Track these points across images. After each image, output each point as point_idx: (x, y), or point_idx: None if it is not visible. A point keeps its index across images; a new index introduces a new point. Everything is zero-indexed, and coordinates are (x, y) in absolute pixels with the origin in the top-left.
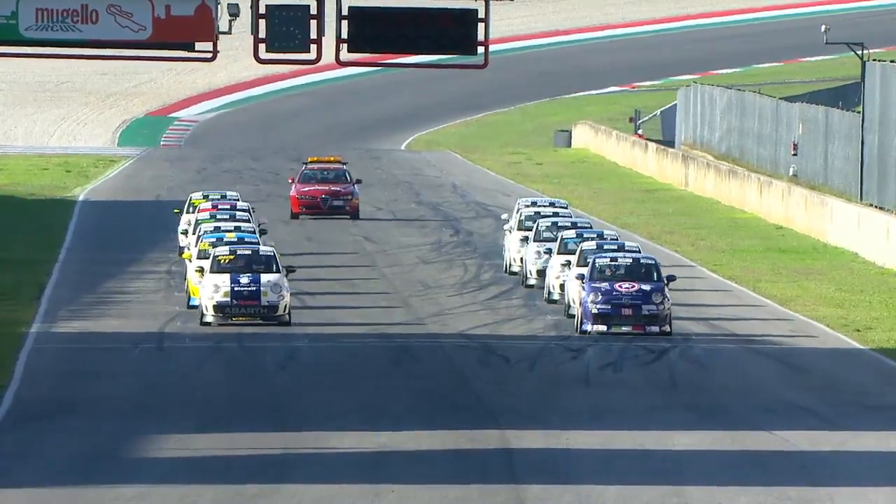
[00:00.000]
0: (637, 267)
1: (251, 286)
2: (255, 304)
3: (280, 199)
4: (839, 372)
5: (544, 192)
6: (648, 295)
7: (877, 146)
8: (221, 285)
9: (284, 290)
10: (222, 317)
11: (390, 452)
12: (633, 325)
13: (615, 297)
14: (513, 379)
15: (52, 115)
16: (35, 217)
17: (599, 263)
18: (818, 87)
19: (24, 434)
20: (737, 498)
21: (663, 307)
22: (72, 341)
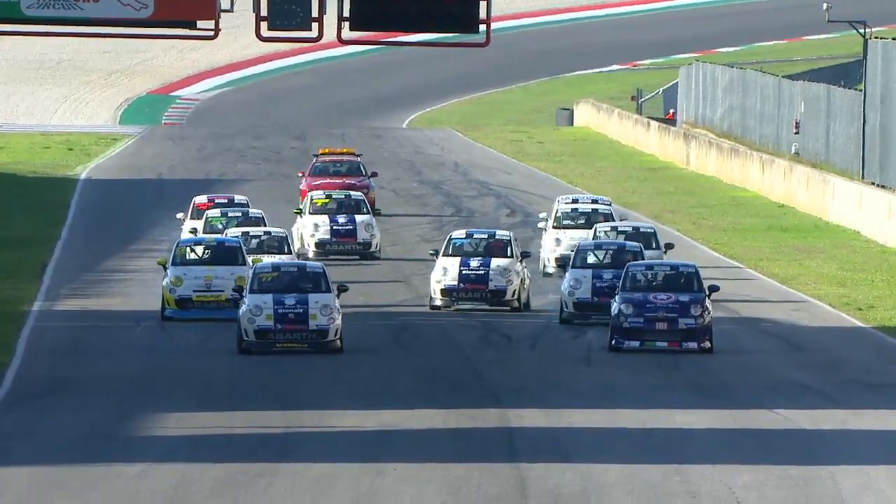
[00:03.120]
0: (675, 276)
1: (297, 308)
2: (303, 329)
3: (282, 177)
4: (841, 350)
5: (545, 170)
6: (686, 307)
7: (879, 124)
8: (264, 307)
9: (336, 312)
10: (264, 343)
11: (392, 431)
12: (669, 340)
13: (649, 309)
14: (514, 358)
15: (54, 93)
16: (37, 195)
17: (633, 271)
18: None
19: (26, 412)
20: (738, 476)
21: (703, 321)
22: (73, 319)
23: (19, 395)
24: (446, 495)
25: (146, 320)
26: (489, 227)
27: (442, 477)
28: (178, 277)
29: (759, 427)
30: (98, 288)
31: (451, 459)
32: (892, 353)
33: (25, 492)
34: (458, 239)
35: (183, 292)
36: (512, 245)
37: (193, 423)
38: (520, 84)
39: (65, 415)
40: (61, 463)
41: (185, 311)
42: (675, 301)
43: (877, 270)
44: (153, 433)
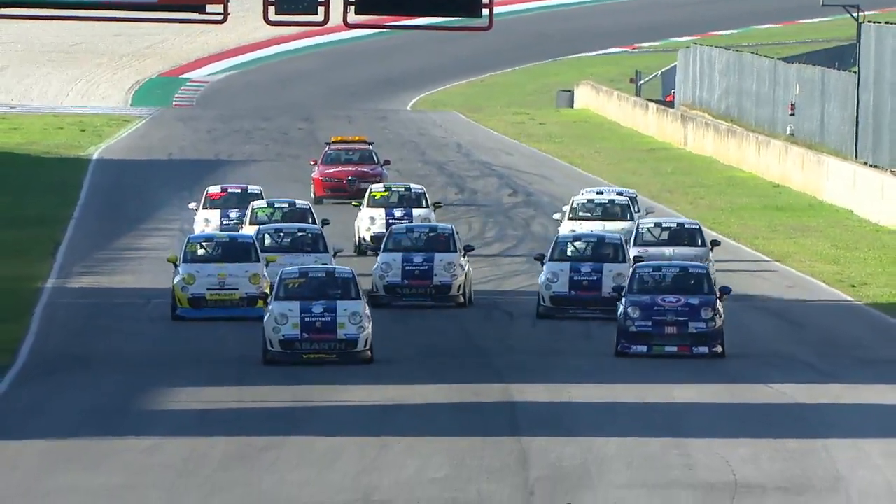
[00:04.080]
0: (685, 277)
1: (325, 316)
2: (331, 338)
3: (289, 158)
4: (835, 327)
5: (546, 151)
6: (697, 310)
7: (872, 106)
8: (290, 315)
9: (365, 321)
10: (290, 354)
11: (397, 406)
12: (679, 345)
13: (657, 312)
14: (516, 334)
15: (67, 75)
16: (50, 175)
17: (641, 273)
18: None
19: (40, 387)
20: (735, 449)
21: (714, 324)
22: (86, 296)
23: (33, 370)
24: (449, 467)
25: (157, 297)
26: (493, 207)
27: (445, 450)
28: (191, 275)
29: (755, 401)
30: (110, 266)
31: (455, 433)
32: (884, 329)
33: (39, 465)
34: (400, 234)
35: (196, 290)
36: (455, 239)
37: (203, 398)
38: (521, 67)
39: (77, 390)
40: (74, 437)
41: (197, 311)
42: (685, 304)
43: (869, 248)
44: (163, 408)
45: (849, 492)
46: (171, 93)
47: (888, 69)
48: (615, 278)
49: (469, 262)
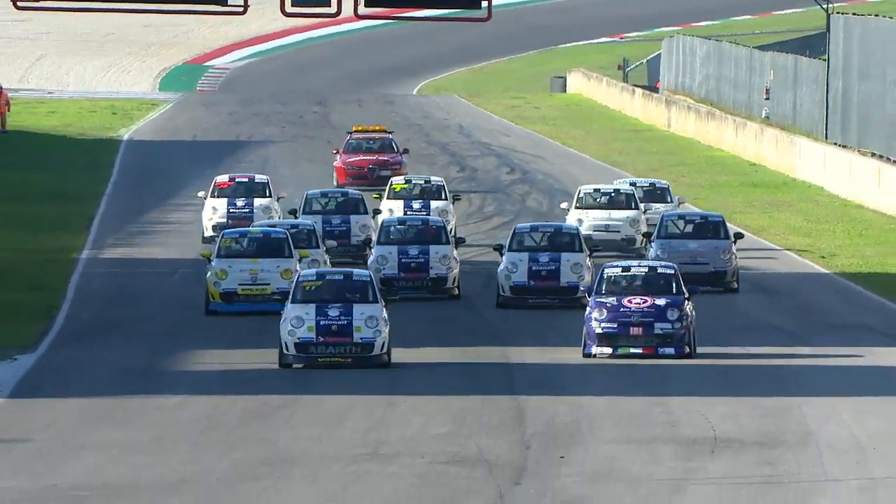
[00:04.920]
0: (654, 278)
1: (341, 319)
2: (347, 342)
3: (304, 139)
4: (807, 294)
5: (541, 132)
6: (663, 311)
7: (840, 90)
8: (306, 318)
9: (382, 324)
10: (305, 357)
11: (403, 367)
12: (644, 346)
13: (623, 314)
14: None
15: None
16: (84, 155)
17: (608, 274)
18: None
19: (75, 350)
20: (715, 407)
21: (680, 325)
22: (118, 266)
23: (69, 334)
24: (452, 424)
25: (183, 267)
26: (491, 185)
27: (448, 408)
28: (223, 270)
29: (734, 363)
30: (140, 238)
31: (457, 392)
32: (852, 296)
33: (75, 421)
34: (391, 226)
35: (228, 286)
36: (446, 231)
37: (224, 360)
38: (518, 55)
39: (110, 352)
40: (107, 395)
41: (230, 305)
42: (652, 305)
43: (838, 222)
44: (189, 369)
45: (819, 445)
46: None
47: (855, 57)
48: (573, 268)
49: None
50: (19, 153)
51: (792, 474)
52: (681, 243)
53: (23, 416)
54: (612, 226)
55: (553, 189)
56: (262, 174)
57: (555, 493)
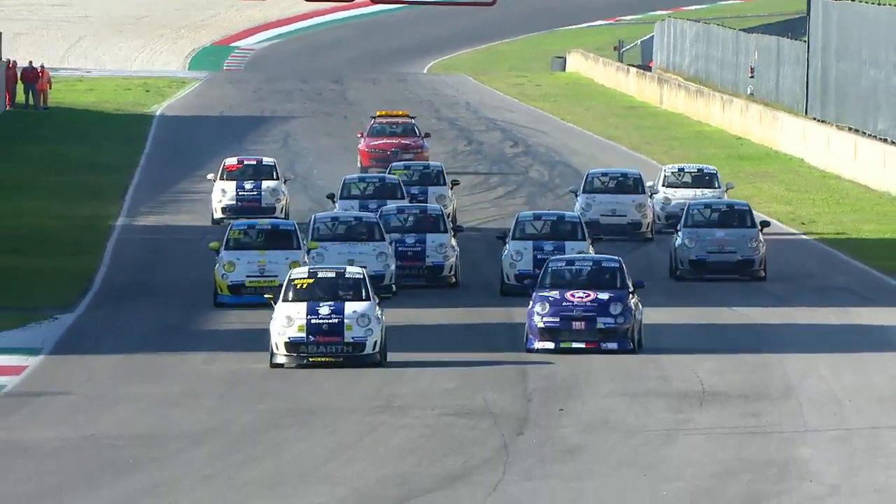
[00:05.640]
0: (598, 271)
1: (332, 318)
2: (337, 341)
3: (323, 115)
4: (788, 258)
5: (543, 108)
6: (605, 305)
7: (820, 70)
8: (296, 317)
9: (374, 323)
10: (296, 357)
11: (413, 326)
12: (587, 341)
13: (565, 308)
14: None
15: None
16: (120, 129)
17: (553, 267)
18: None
19: (111, 310)
20: (703, 363)
21: (624, 320)
22: (150, 233)
23: (105, 296)
24: (459, 380)
25: (211, 234)
26: (496, 157)
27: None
28: (231, 262)
29: (720, 322)
30: (171, 206)
31: (463, 349)
32: (829, 260)
33: (111, 376)
34: (390, 214)
35: (236, 278)
36: (444, 219)
37: (248, 320)
38: (521, 37)
39: (143, 312)
40: (140, 352)
41: (238, 297)
42: (594, 299)
43: (818, 191)
44: (216, 328)
45: (799, 398)
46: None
47: (833, 38)
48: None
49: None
50: (60, 128)
51: (774, 425)
52: (708, 232)
53: (63, 371)
54: (618, 210)
55: (553, 161)
56: (269, 157)
57: (554, 443)
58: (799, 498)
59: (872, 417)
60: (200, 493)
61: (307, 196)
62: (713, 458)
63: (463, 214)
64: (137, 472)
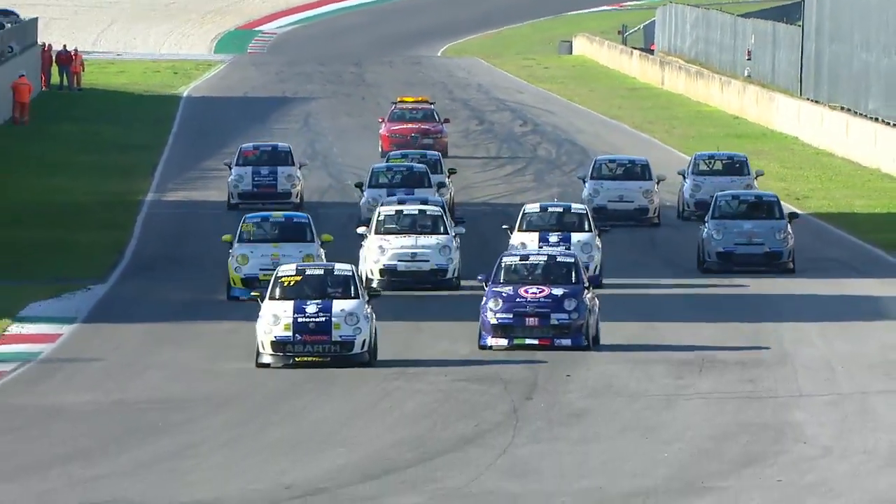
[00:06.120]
0: (552, 267)
1: (319, 316)
2: (325, 340)
3: (342, 96)
4: None
5: (550, 90)
6: (559, 301)
7: (814, 53)
8: (282, 316)
9: (363, 322)
10: (282, 356)
11: (426, 297)
12: (540, 337)
13: (519, 304)
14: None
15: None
16: (149, 109)
17: (506, 263)
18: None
19: (141, 281)
20: (700, 331)
21: (578, 315)
22: (177, 208)
23: (136, 267)
24: (473, 347)
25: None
26: (506, 136)
27: (469, 334)
28: (244, 256)
29: (716, 292)
30: (197, 183)
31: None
32: (822, 233)
33: (141, 343)
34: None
35: (249, 271)
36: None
37: None
38: (529, 21)
39: (171, 283)
40: (168, 321)
41: (251, 291)
42: (548, 295)
43: (811, 168)
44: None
45: (794, 364)
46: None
47: (826, 22)
48: (583, 248)
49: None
50: (92, 109)
51: (770, 390)
52: (735, 224)
53: (96, 338)
54: (625, 196)
55: (561, 139)
56: (284, 143)
57: (561, 407)
58: (793, 459)
59: (863, 383)
60: (224, 456)
61: (327, 172)
62: (712, 422)
63: (474, 190)
64: (164, 435)
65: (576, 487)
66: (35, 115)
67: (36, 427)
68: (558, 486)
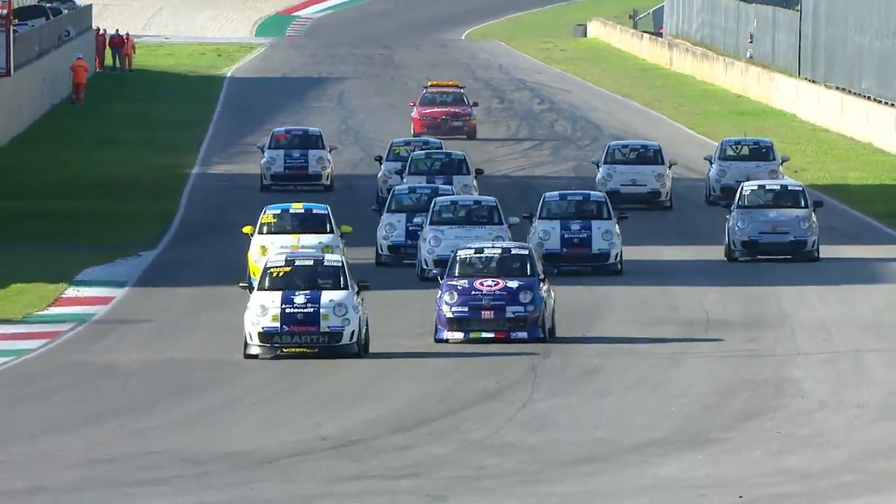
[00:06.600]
0: (507, 259)
1: (308, 307)
2: (313, 331)
3: (373, 77)
4: None
5: (566, 70)
6: (515, 294)
7: (811, 35)
8: (270, 306)
9: (351, 313)
10: (269, 347)
11: None
12: (496, 330)
13: (474, 297)
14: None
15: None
16: (195, 89)
17: (461, 255)
18: None
19: (187, 248)
20: (707, 295)
21: (534, 308)
22: (221, 180)
23: (183, 235)
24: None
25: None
26: (525, 113)
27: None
28: (264, 247)
29: (723, 258)
30: (240, 157)
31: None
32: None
33: (188, 306)
34: (402, 194)
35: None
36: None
37: None
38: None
39: (215, 250)
40: (213, 285)
41: None
42: (504, 288)
43: (808, 143)
44: None
45: (792, 326)
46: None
47: (823, 6)
48: (604, 235)
49: None
50: (143, 89)
51: (769, 349)
52: (761, 213)
53: (145, 301)
54: (638, 180)
55: (576, 116)
56: (314, 127)
57: (576, 365)
58: (791, 413)
59: (856, 342)
60: (263, 410)
61: (358, 147)
62: (715, 378)
63: (496, 164)
64: (209, 390)
65: (590, 438)
66: (90, 94)
67: (91, 383)
68: (574, 437)
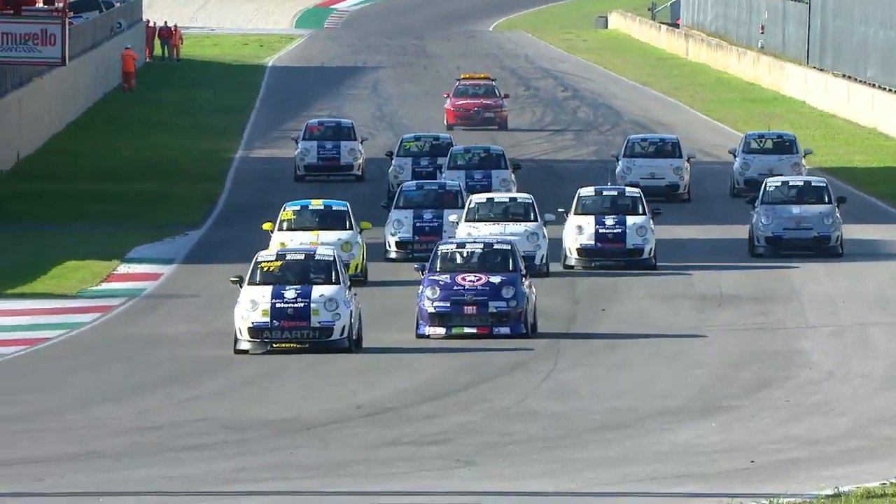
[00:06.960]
0: (490, 254)
1: (298, 302)
2: (303, 326)
3: (406, 66)
4: None
5: (588, 59)
6: (497, 289)
7: (819, 27)
8: (260, 301)
9: (342, 307)
10: (259, 342)
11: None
12: (478, 326)
13: (456, 292)
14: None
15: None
16: (238, 78)
17: (443, 250)
18: None
19: (231, 227)
20: (723, 275)
21: (516, 303)
22: (264, 163)
23: (227, 215)
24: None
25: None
26: (549, 100)
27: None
28: (283, 243)
29: (735, 236)
30: (280, 142)
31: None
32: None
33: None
34: (410, 191)
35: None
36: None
37: None
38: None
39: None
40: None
41: None
42: (486, 283)
43: (817, 128)
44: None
45: (801, 300)
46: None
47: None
48: (638, 231)
49: None
50: (189, 77)
51: (780, 322)
52: (784, 209)
53: (192, 277)
54: (657, 173)
55: (598, 103)
56: (346, 118)
57: (597, 339)
58: (800, 382)
59: (861, 316)
60: (302, 380)
61: (392, 133)
62: (729, 350)
63: (523, 148)
64: (251, 361)
65: (611, 406)
66: (140, 82)
67: (141, 354)
68: (596, 405)
